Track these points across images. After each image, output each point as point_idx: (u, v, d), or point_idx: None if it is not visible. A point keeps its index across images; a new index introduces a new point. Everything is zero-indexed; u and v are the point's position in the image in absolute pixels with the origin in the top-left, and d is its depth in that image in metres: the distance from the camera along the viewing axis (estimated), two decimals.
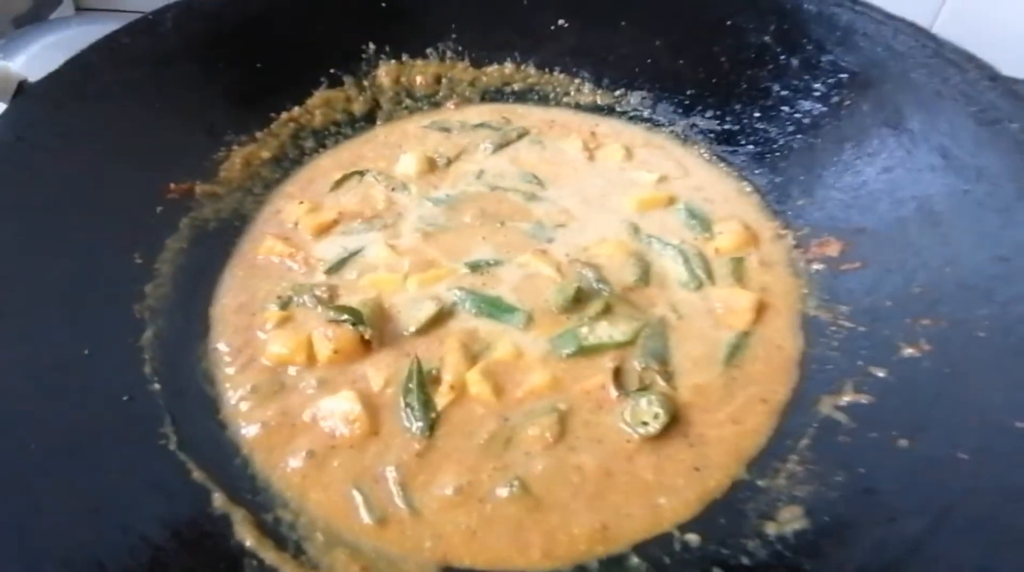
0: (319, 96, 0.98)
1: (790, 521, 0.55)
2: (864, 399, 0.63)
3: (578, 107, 1.03)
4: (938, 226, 0.70)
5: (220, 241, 0.83)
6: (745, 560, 0.53)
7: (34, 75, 0.81)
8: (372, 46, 1.01)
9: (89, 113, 0.81)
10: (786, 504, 0.57)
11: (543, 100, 1.05)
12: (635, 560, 0.56)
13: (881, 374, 0.64)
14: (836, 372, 0.67)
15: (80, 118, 0.80)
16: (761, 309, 0.75)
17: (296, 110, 0.96)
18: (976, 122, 0.72)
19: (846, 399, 0.64)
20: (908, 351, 0.64)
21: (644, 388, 0.69)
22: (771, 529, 0.55)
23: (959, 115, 0.74)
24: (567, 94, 1.04)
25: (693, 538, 0.57)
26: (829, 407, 0.64)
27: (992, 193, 0.67)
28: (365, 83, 1.01)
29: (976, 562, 0.47)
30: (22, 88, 0.79)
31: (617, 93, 1.02)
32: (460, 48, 1.04)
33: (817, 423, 0.64)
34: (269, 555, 0.55)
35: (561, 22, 1.02)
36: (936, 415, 0.57)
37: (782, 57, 0.90)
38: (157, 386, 0.67)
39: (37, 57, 1.16)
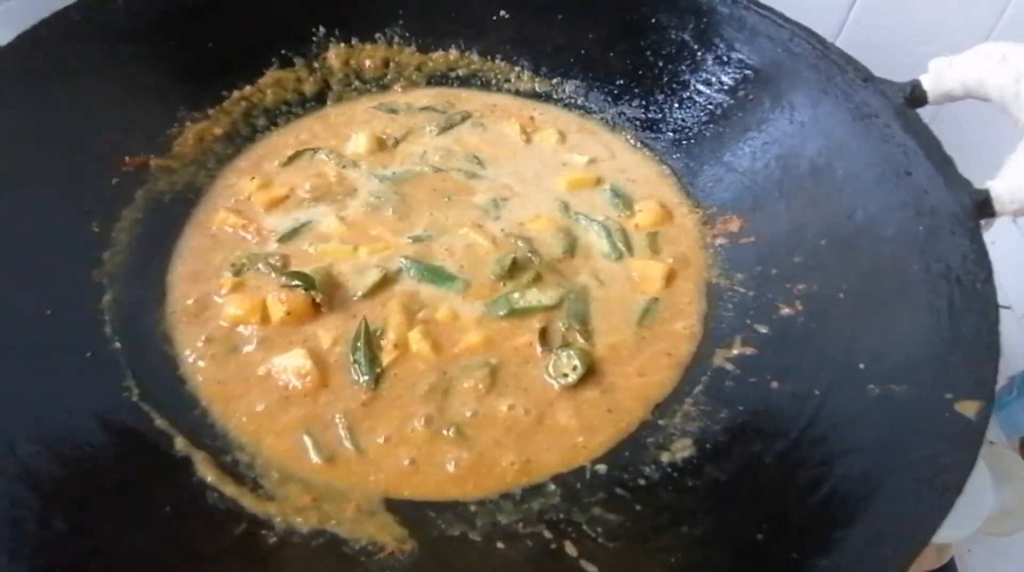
0: (270, 76, 1.03)
1: (681, 450, 0.66)
2: (749, 351, 0.74)
3: (517, 93, 1.11)
4: (816, 204, 0.82)
5: (175, 212, 0.88)
6: (641, 481, 0.64)
7: None
8: (322, 29, 1.06)
9: (43, 89, 0.83)
10: (679, 437, 0.68)
11: (485, 85, 1.12)
12: (552, 487, 0.66)
13: (764, 330, 0.75)
14: (728, 329, 0.78)
15: (32, 93, 0.83)
16: (671, 277, 0.86)
17: (248, 89, 1.01)
18: (851, 116, 0.83)
19: (735, 351, 0.75)
20: (785, 310, 0.75)
21: (566, 345, 0.78)
22: (665, 457, 0.66)
23: (838, 109, 0.85)
24: (507, 81, 1.12)
25: (601, 468, 0.67)
26: (721, 359, 0.75)
27: (859, 177, 0.79)
28: (315, 65, 1.06)
29: (818, 474, 0.58)
30: None
31: (554, 81, 1.10)
32: (407, 34, 1.10)
33: (711, 372, 0.75)
34: (228, 488, 0.62)
35: (503, 13, 1.09)
36: (801, 361, 0.69)
37: (698, 53, 1.00)
38: (118, 345, 0.72)
39: None
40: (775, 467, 0.59)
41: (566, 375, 0.75)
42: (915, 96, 0.82)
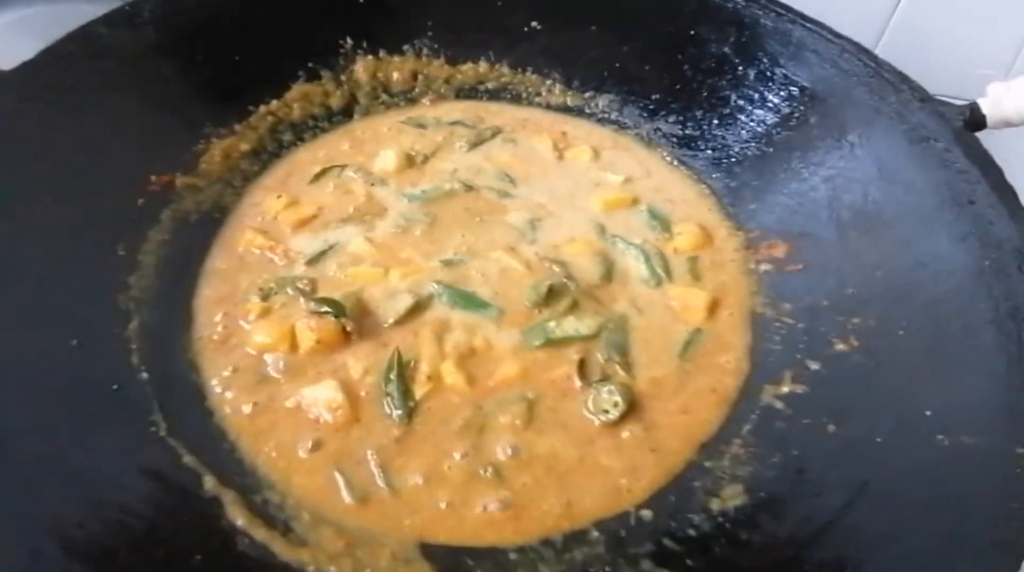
0: (297, 90, 1.00)
1: (732, 497, 0.62)
2: (800, 389, 0.71)
3: (549, 107, 1.08)
4: (869, 234, 0.78)
5: (201, 233, 0.86)
6: (691, 532, 0.60)
7: (5, 63, 0.81)
8: (350, 41, 1.03)
9: (66, 105, 0.81)
10: (729, 482, 0.64)
11: (516, 99, 1.09)
12: (595, 534, 0.63)
13: (815, 366, 0.72)
14: (777, 364, 0.74)
15: (56, 110, 0.81)
16: (713, 306, 0.82)
17: (274, 103, 0.98)
18: (907, 139, 0.79)
19: (785, 389, 0.71)
20: (839, 346, 0.71)
21: (605, 378, 0.75)
22: (715, 504, 0.62)
23: (893, 132, 0.81)
24: (539, 94, 1.08)
25: (647, 513, 0.64)
26: (770, 396, 0.72)
27: (917, 205, 0.75)
28: (342, 78, 1.03)
29: (886, 530, 0.55)
30: None
31: (586, 95, 1.07)
32: (436, 46, 1.07)
33: (759, 410, 0.71)
34: (259, 532, 0.59)
35: (534, 24, 1.06)
36: (859, 403, 0.65)
37: (740, 68, 0.96)
38: (145, 376, 0.70)
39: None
40: (838, 523, 0.56)
41: (607, 412, 0.71)
42: (974, 119, 0.78)
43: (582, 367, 0.76)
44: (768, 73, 0.94)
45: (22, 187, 0.74)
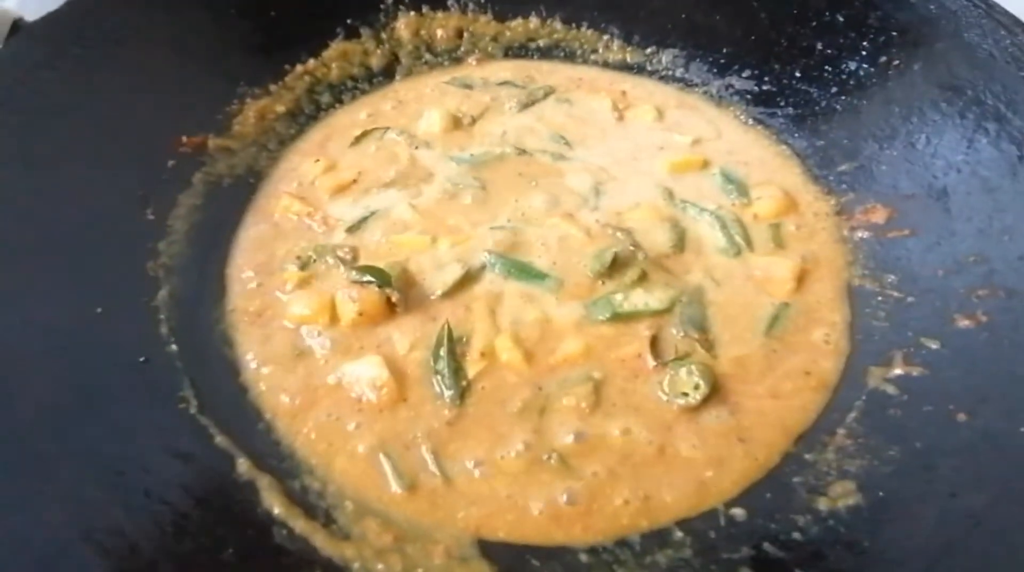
0: (335, 48, 0.93)
1: (842, 496, 0.53)
2: (916, 371, 0.61)
3: (606, 65, 0.99)
4: (992, 193, 0.67)
5: (234, 198, 0.79)
6: (797, 536, 0.51)
7: (30, 14, 0.76)
8: None
9: (94, 59, 0.76)
10: (837, 479, 0.55)
11: (569, 57, 0.99)
12: (679, 535, 0.54)
13: (934, 345, 0.61)
14: (884, 343, 0.64)
15: (83, 62, 0.75)
16: (802, 277, 0.72)
17: (312, 63, 0.91)
18: None
19: (896, 371, 0.61)
20: (963, 322, 0.61)
21: (682, 357, 0.66)
22: (823, 504, 0.53)
23: (1012, 79, 0.70)
24: (595, 51, 0.99)
25: (739, 512, 0.55)
26: (878, 379, 0.62)
27: None
28: (383, 36, 0.96)
29: None
30: (17, 27, 0.74)
31: (648, 51, 0.97)
32: (483, 0, 0.98)
33: (865, 395, 0.61)
34: (299, 523, 0.53)
35: None
36: (995, 389, 0.55)
37: (827, 13, 0.85)
38: (174, 348, 0.64)
39: None
40: (980, 530, 0.46)
41: (686, 394, 0.63)
42: None
43: (654, 344, 0.67)
44: (861, 17, 0.82)
45: (45, 144, 0.69)
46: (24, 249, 0.63)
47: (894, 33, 0.80)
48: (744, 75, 0.91)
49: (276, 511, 0.53)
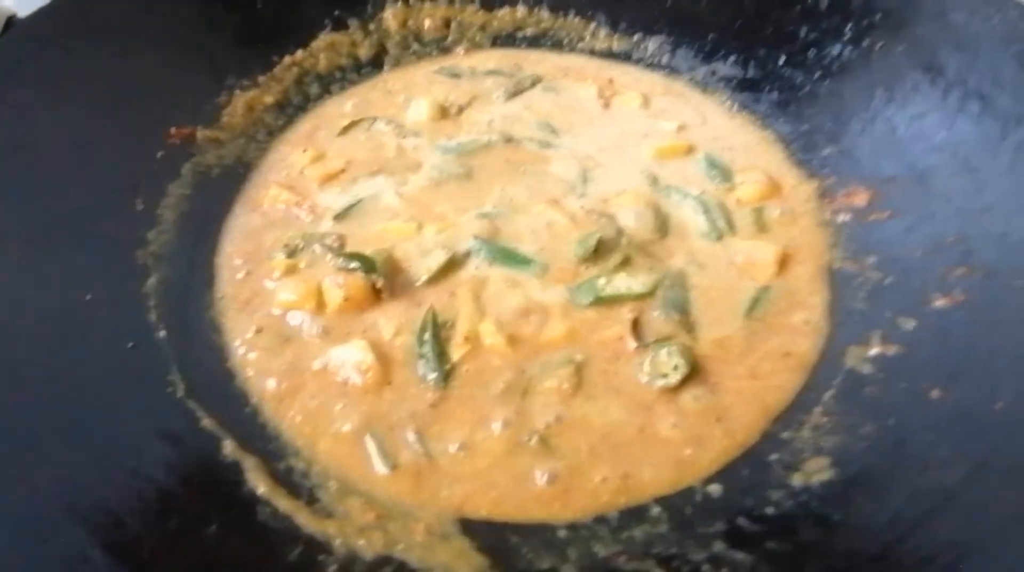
0: (323, 39, 0.94)
1: (816, 472, 0.54)
2: (892, 350, 0.61)
3: (593, 53, 0.99)
4: (974, 173, 0.67)
5: (223, 188, 0.80)
6: (770, 510, 0.52)
7: (22, 8, 0.77)
8: None
9: (84, 51, 0.77)
10: (812, 455, 0.56)
11: (556, 46, 1.00)
12: (656, 510, 0.55)
13: (911, 325, 0.62)
14: (863, 324, 0.65)
15: (74, 56, 0.77)
16: (784, 261, 0.73)
17: (300, 54, 0.92)
18: (1019, 64, 0.68)
19: (874, 351, 0.62)
20: (940, 302, 0.61)
21: (663, 339, 0.67)
22: (797, 480, 0.54)
23: (999, 57, 0.70)
24: (581, 39, 0.99)
25: (715, 488, 0.56)
26: (856, 359, 0.62)
27: None
28: (371, 27, 0.97)
29: (1012, 510, 0.45)
30: (11, 23, 0.76)
31: (634, 38, 0.97)
32: None
33: (843, 375, 0.62)
34: (282, 502, 0.54)
35: None
36: (970, 365, 0.55)
37: None
38: (163, 334, 0.65)
39: None
40: (954, 503, 0.46)
41: (666, 375, 0.63)
42: None
43: (636, 327, 0.68)
44: (844, 1, 0.82)
45: (36, 135, 0.70)
46: (17, 237, 0.65)
47: (878, 16, 0.80)
48: (729, 61, 0.92)
49: (260, 490, 0.55)
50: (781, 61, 0.88)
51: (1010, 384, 0.52)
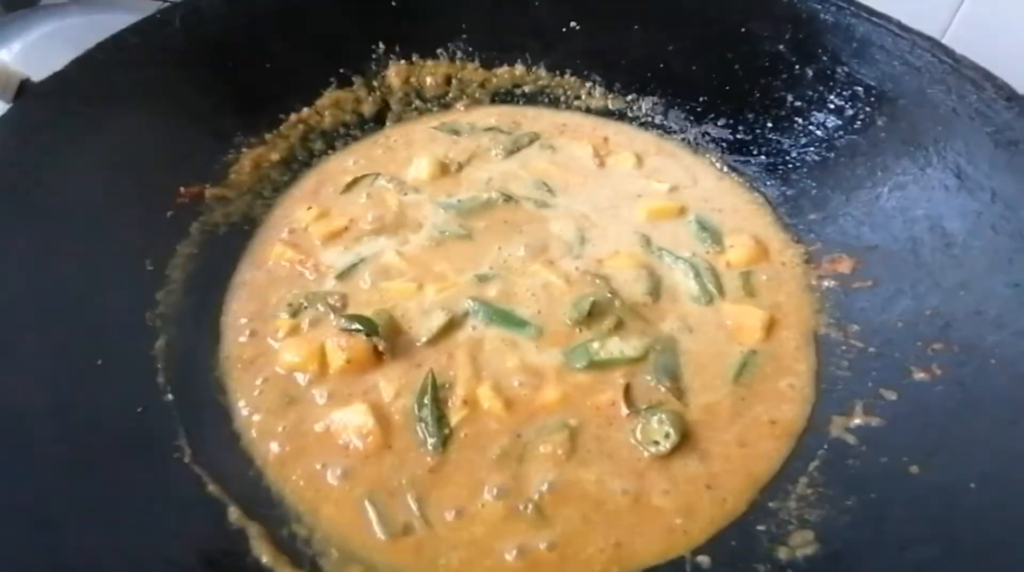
0: (328, 97, 0.97)
1: (801, 546, 0.56)
2: (875, 422, 0.64)
3: (589, 111, 1.03)
4: (951, 248, 0.70)
5: (230, 246, 0.83)
6: None
7: (31, 65, 0.79)
8: (382, 46, 1.00)
9: (96, 115, 0.79)
10: (797, 528, 0.58)
11: (554, 103, 1.04)
12: None
13: (892, 397, 0.65)
14: (847, 393, 0.67)
15: (87, 120, 0.79)
16: (771, 326, 0.76)
17: (305, 111, 0.95)
18: (993, 143, 0.72)
19: (856, 421, 0.65)
20: (919, 375, 0.64)
21: (654, 406, 0.69)
22: (783, 553, 0.56)
23: (975, 134, 0.74)
24: (578, 98, 1.03)
25: (704, 560, 0.58)
26: (840, 429, 0.65)
27: (1007, 216, 0.67)
28: (375, 83, 1.00)
29: None
30: (24, 87, 0.78)
31: (629, 98, 1.01)
32: (470, 49, 1.02)
33: (827, 445, 0.64)
34: (286, 571, 0.56)
35: (573, 24, 1.00)
36: (947, 442, 0.58)
37: (797, 67, 0.89)
38: (170, 397, 0.67)
39: (35, 47, 1.13)
40: None
41: (657, 443, 0.66)
42: None
43: (628, 393, 0.70)
44: (829, 72, 0.86)
45: (49, 198, 0.72)
46: (28, 302, 0.66)
47: (859, 88, 0.84)
48: (719, 123, 0.95)
49: (264, 559, 0.56)
50: (769, 126, 0.92)
51: (983, 463, 0.54)
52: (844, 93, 0.85)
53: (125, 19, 0.86)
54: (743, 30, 0.92)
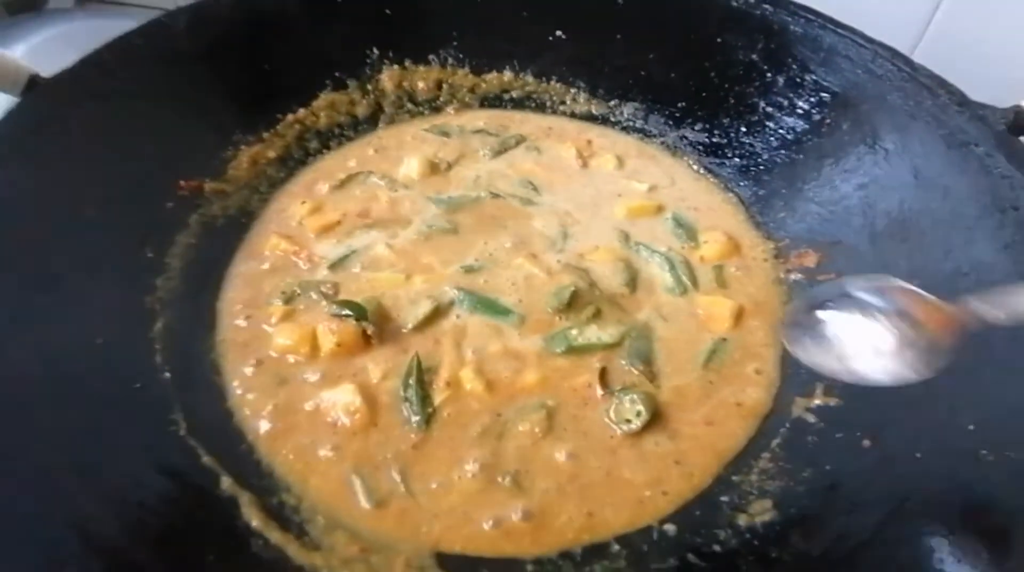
0: (324, 99, 1.01)
1: (760, 513, 0.60)
2: (833, 402, 0.68)
3: (573, 116, 1.08)
4: (906, 241, 0.75)
5: (227, 237, 0.87)
6: (716, 547, 0.58)
7: (35, 66, 0.83)
8: (376, 51, 1.04)
9: (103, 111, 0.83)
10: (757, 498, 0.62)
11: (540, 107, 1.08)
12: (616, 548, 0.61)
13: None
14: (809, 376, 0.71)
15: (94, 116, 0.83)
16: (740, 315, 0.80)
17: (301, 112, 1.00)
18: (945, 144, 0.76)
19: (816, 402, 0.69)
20: None
21: (628, 387, 0.73)
22: (742, 520, 0.60)
23: (930, 137, 0.78)
24: (563, 103, 1.08)
25: (670, 528, 0.62)
26: (801, 409, 0.69)
27: (956, 211, 0.72)
28: (369, 87, 1.05)
29: (925, 548, 0.51)
30: (34, 83, 0.82)
31: (611, 103, 1.06)
32: (461, 55, 1.07)
33: (789, 423, 0.68)
34: (274, 535, 0.59)
35: (559, 33, 1.05)
36: (896, 417, 0.62)
37: (768, 75, 0.94)
38: (167, 375, 0.70)
39: (39, 49, 1.17)
40: (874, 542, 0.53)
41: (629, 421, 0.70)
42: (1019, 123, 0.75)
43: (604, 375, 0.74)
44: (798, 79, 0.92)
45: (56, 188, 0.76)
46: (34, 285, 0.70)
47: (825, 95, 0.89)
48: (696, 128, 1.00)
49: (254, 524, 0.59)
50: (742, 130, 0.97)
51: (928, 435, 0.58)
52: (812, 99, 0.90)
53: (128, 24, 0.91)
54: (719, 40, 0.98)
